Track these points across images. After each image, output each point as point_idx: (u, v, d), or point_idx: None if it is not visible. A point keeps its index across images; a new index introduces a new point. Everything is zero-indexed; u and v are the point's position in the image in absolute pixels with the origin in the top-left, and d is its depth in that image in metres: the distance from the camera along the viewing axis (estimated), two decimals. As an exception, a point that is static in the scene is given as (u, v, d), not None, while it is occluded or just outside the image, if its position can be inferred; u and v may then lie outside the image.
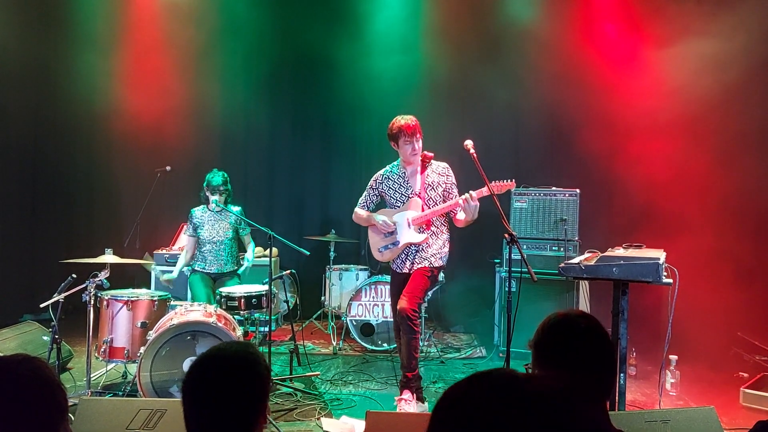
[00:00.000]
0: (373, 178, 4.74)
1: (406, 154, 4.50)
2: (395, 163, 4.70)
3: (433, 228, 4.55)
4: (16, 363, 1.59)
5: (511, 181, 4.32)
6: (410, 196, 4.54)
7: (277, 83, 8.10)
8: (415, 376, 4.42)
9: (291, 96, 8.15)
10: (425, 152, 4.56)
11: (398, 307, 4.36)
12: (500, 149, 7.27)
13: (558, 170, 6.98)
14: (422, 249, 4.53)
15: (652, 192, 6.22)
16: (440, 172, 4.57)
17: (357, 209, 4.77)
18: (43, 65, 7.35)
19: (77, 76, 7.40)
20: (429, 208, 4.48)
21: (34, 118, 7.22)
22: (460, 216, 4.36)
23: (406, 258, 4.57)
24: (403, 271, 4.57)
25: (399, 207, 4.59)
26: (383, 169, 4.73)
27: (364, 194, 4.76)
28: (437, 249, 4.55)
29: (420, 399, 4.45)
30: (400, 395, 4.38)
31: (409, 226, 4.52)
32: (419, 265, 4.51)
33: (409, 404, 4.31)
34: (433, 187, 4.53)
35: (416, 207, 4.52)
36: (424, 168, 4.57)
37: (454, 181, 4.59)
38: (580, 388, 1.77)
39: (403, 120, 4.45)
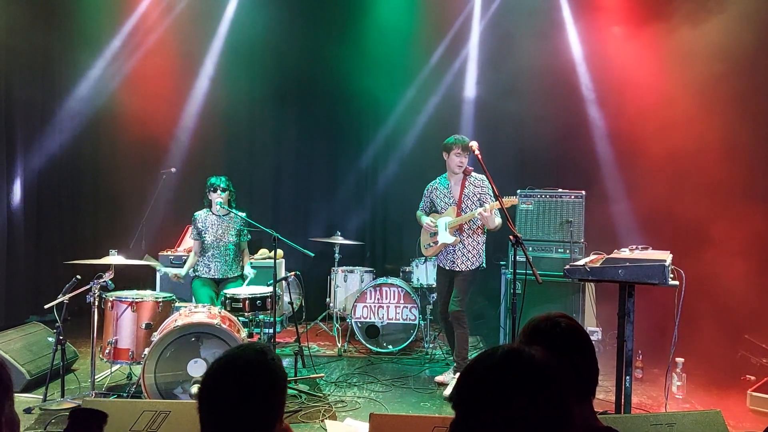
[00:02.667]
0: (426, 188, 5.53)
1: (453, 165, 5.21)
2: (444, 174, 5.40)
3: (467, 232, 5.20)
4: None
5: (515, 197, 5.09)
6: (450, 203, 5.27)
7: (283, 85, 8.10)
8: (466, 361, 5.12)
9: (296, 98, 8.15)
10: (466, 167, 5.24)
11: (449, 310, 5.19)
12: (506, 150, 7.24)
13: (563, 172, 6.95)
14: (460, 252, 5.21)
15: (659, 193, 6.18)
16: (476, 184, 5.22)
17: (418, 211, 5.57)
18: (48, 66, 7.36)
19: (83, 78, 7.42)
20: (463, 215, 5.16)
21: (39, 118, 7.23)
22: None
23: (447, 256, 5.29)
24: (445, 266, 5.32)
25: (443, 213, 5.32)
26: (434, 180, 5.48)
27: (422, 200, 5.56)
28: (474, 253, 5.22)
29: None
30: (453, 375, 5.19)
31: (445, 229, 5.22)
32: (459, 267, 5.21)
33: None
34: (469, 197, 5.21)
35: (452, 214, 5.23)
36: (464, 180, 5.24)
37: (488, 192, 5.12)
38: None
39: (460, 136, 5.22)
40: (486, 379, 1.30)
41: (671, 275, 3.55)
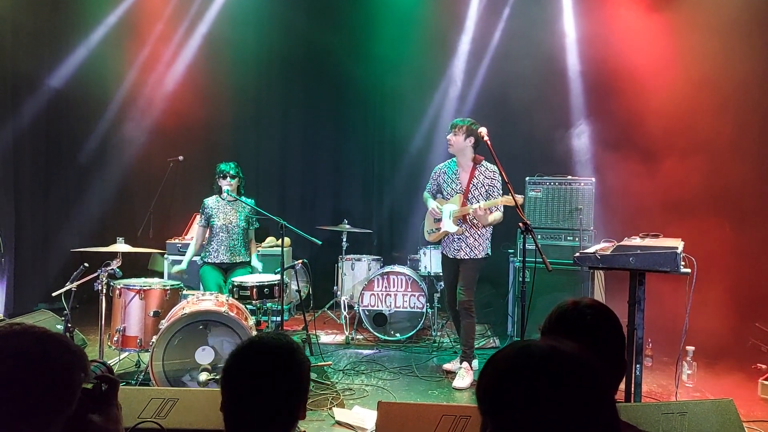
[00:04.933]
0: (433, 170, 5.40)
1: None
2: (453, 158, 5.24)
3: (471, 221, 5.05)
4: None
5: (520, 196, 4.69)
6: (457, 191, 5.11)
7: (289, 72, 8.06)
8: (472, 350, 5.13)
9: (303, 85, 8.12)
10: (476, 155, 5.10)
11: (457, 300, 5.07)
12: (515, 137, 7.18)
13: (573, 158, 6.89)
14: (461, 241, 5.09)
15: (670, 180, 6.12)
16: (486, 174, 5.06)
17: (425, 192, 5.47)
18: (55, 46, 7.28)
19: (90, 65, 7.39)
20: (469, 205, 5.00)
21: (46, 107, 7.22)
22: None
23: (450, 244, 5.18)
24: (448, 255, 5.22)
25: (449, 199, 5.17)
26: (443, 163, 5.34)
27: (429, 182, 5.43)
28: (479, 243, 5.08)
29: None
30: (460, 365, 5.08)
31: (449, 217, 5.10)
32: (463, 256, 5.09)
33: (469, 373, 4.99)
34: (477, 187, 5.05)
35: (458, 202, 5.08)
36: (474, 168, 5.09)
37: (496, 185, 5.03)
38: None
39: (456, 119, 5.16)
40: (527, 381, 1.15)
41: (683, 263, 3.51)
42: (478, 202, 4.94)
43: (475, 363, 5.15)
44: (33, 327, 1.44)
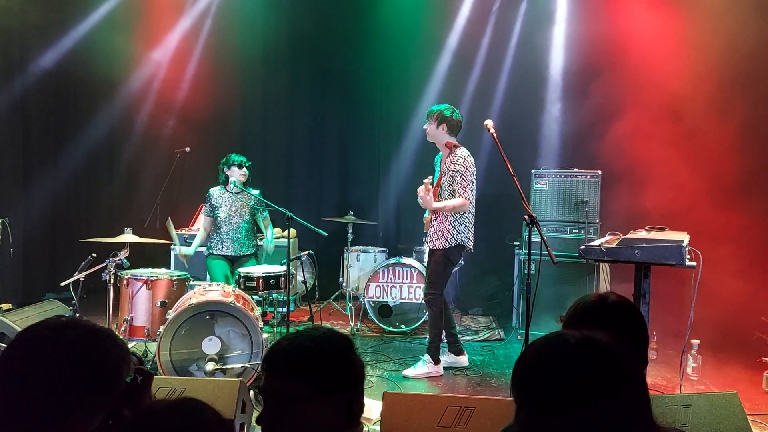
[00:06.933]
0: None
1: None
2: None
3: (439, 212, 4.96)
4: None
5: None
6: (437, 179, 5.02)
7: (296, 63, 8.06)
8: (434, 344, 5.01)
9: (309, 76, 8.11)
10: (449, 141, 4.95)
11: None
12: (520, 129, 7.17)
13: (579, 151, 6.87)
14: (433, 229, 4.95)
15: (675, 173, 6.10)
16: (452, 161, 4.86)
17: None
18: (63, 38, 7.29)
19: (97, 56, 7.39)
20: (439, 194, 4.95)
21: (54, 99, 7.24)
22: None
23: (429, 233, 5.04)
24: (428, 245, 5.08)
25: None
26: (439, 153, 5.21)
27: None
28: (446, 231, 4.87)
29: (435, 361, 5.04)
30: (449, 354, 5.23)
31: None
32: (431, 245, 4.97)
33: (426, 365, 4.97)
34: (444, 174, 4.92)
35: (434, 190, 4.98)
36: (446, 156, 4.96)
37: (459, 170, 4.81)
38: None
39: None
40: (561, 368, 1.18)
41: (688, 256, 3.51)
42: (447, 191, 4.86)
43: (445, 357, 5.15)
44: (80, 319, 1.44)
